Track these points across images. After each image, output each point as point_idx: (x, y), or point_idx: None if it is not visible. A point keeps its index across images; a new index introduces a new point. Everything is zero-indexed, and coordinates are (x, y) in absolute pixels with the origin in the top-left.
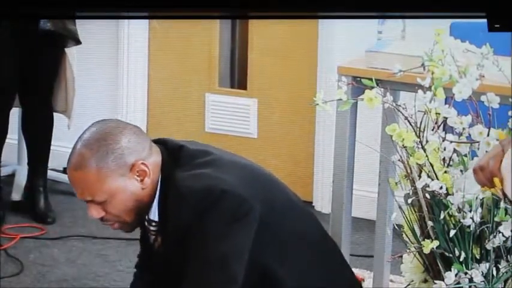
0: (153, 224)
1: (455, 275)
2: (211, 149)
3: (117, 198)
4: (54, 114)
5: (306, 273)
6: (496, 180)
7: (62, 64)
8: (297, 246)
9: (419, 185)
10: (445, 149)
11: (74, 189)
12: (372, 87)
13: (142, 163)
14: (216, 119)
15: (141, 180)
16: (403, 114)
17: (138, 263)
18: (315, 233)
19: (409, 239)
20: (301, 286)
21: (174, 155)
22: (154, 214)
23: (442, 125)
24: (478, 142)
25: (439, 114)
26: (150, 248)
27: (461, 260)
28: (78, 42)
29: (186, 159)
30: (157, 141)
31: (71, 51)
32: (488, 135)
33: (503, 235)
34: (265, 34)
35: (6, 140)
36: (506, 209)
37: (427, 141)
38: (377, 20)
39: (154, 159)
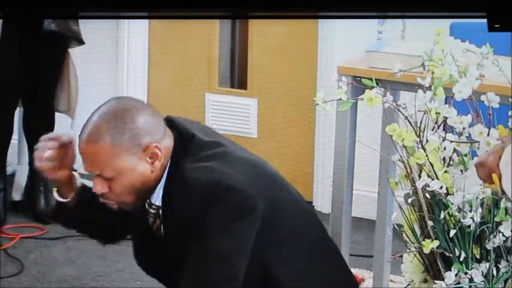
0: (154, 207)
1: (456, 275)
2: (222, 140)
3: (125, 177)
4: (57, 114)
5: (305, 273)
6: (494, 176)
7: (65, 64)
8: (297, 246)
9: (419, 184)
10: (445, 149)
11: (83, 160)
12: (372, 87)
13: (155, 146)
14: (216, 118)
15: (152, 163)
16: (403, 114)
17: None
18: (316, 233)
19: (409, 238)
20: (299, 285)
21: (185, 143)
22: (156, 198)
23: (442, 125)
24: (478, 142)
25: (439, 114)
26: (147, 231)
27: (461, 259)
28: (81, 42)
29: (196, 149)
30: (170, 123)
31: (74, 52)
32: (488, 135)
33: (503, 235)
34: (265, 34)
35: None
36: (506, 209)
37: (427, 141)
38: (377, 19)
39: (166, 143)
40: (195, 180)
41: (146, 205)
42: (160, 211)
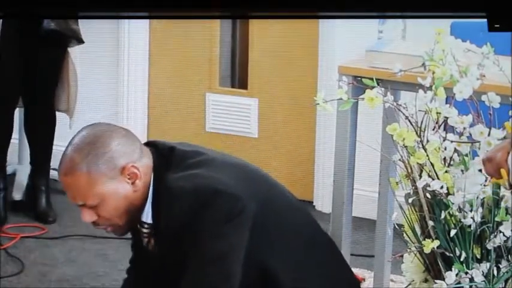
0: (146, 226)
1: (456, 275)
2: (202, 149)
3: (109, 202)
4: (57, 113)
5: (305, 273)
6: (503, 171)
7: (64, 63)
8: (294, 245)
9: (420, 184)
10: (445, 149)
11: (67, 194)
12: (373, 87)
13: (132, 166)
14: (217, 118)
15: (133, 183)
16: (403, 114)
17: (129, 267)
18: (311, 231)
19: (409, 238)
20: (300, 285)
21: (165, 156)
22: (147, 216)
23: (442, 125)
24: (478, 142)
25: (439, 113)
26: (144, 252)
27: (461, 259)
28: (80, 41)
29: (178, 160)
30: (147, 144)
31: (74, 51)
32: (489, 134)
33: (503, 235)
34: (266, 34)
35: None
36: (506, 209)
37: (427, 141)
38: (377, 19)
39: (145, 161)
40: (181, 189)
41: (138, 226)
42: (153, 229)
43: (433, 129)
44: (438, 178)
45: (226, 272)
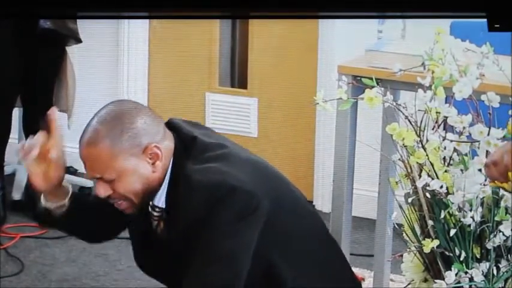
0: (157, 209)
1: (456, 275)
2: (224, 141)
3: (127, 178)
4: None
5: (308, 272)
6: (511, 174)
7: (62, 63)
8: (300, 245)
9: (419, 184)
10: (445, 148)
11: (84, 165)
12: (372, 87)
13: (155, 146)
14: (217, 118)
15: (153, 163)
16: (403, 114)
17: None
18: (318, 232)
19: (409, 238)
20: (301, 284)
21: (186, 144)
22: (159, 200)
23: (442, 124)
24: (478, 141)
25: (439, 113)
26: (151, 235)
27: (461, 259)
28: (78, 41)
29: (199, 151)
30: (170, 126)
31: (72, 50)
32: (488, 134)
33: (503, 234)
34: (265, 34)
35: None
36: (506, 208)
37: (427, 141)
38: (377, 19)
39: (167, 144)
40: (199, 182)
41: (149, 208)
42: (164, 213)
43: (433, 129)
44: (438, 178)
45: (235, 270)
